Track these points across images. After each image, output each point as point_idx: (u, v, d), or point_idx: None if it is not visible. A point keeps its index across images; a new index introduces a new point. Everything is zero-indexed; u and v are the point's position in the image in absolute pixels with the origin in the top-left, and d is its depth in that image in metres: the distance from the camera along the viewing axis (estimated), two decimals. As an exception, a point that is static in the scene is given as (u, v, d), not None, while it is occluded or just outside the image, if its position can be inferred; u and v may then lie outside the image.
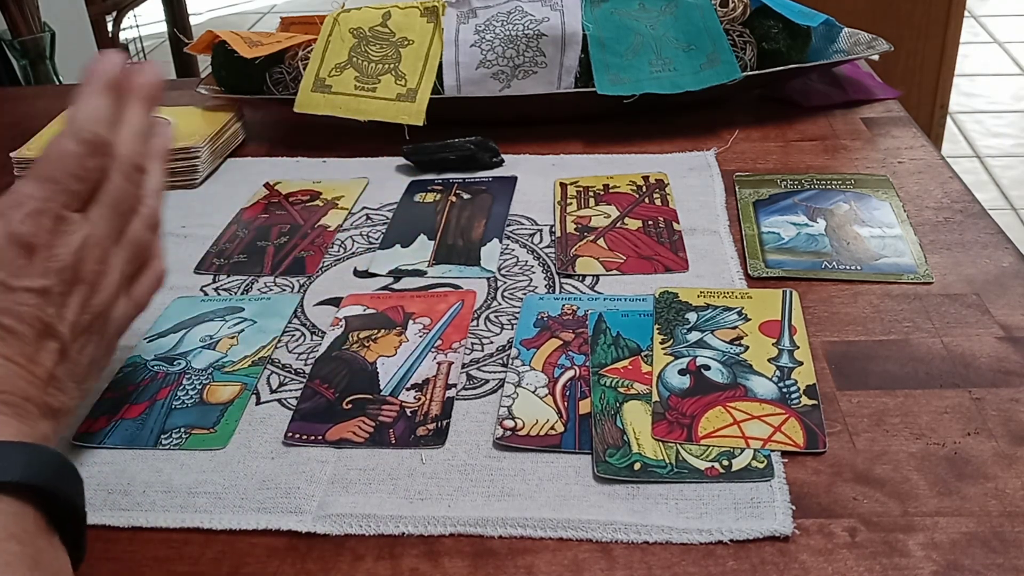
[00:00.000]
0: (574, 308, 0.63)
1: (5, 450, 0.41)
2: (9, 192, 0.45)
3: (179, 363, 0.60)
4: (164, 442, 0.54)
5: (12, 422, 0.43)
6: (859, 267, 0.66)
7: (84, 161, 0.46)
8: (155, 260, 0.53)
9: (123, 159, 0.49)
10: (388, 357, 0.59)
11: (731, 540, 0.45)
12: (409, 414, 0.55)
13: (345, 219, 0.77)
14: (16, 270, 0.44)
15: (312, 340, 0.62)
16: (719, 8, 0.89)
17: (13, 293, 0.44)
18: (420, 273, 0.69)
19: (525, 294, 0.66)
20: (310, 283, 0.69)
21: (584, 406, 0.54)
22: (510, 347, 0.60)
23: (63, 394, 0.47)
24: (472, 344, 0.61)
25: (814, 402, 0.53)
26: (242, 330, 0.63)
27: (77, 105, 0.49)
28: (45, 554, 0.39)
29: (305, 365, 0.60)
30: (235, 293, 0.68)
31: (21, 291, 0.44)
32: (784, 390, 0.54)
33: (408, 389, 0.57)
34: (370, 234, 0.75)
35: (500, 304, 0.65)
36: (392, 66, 0.89)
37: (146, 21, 2.93)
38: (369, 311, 0.64)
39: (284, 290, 0.68)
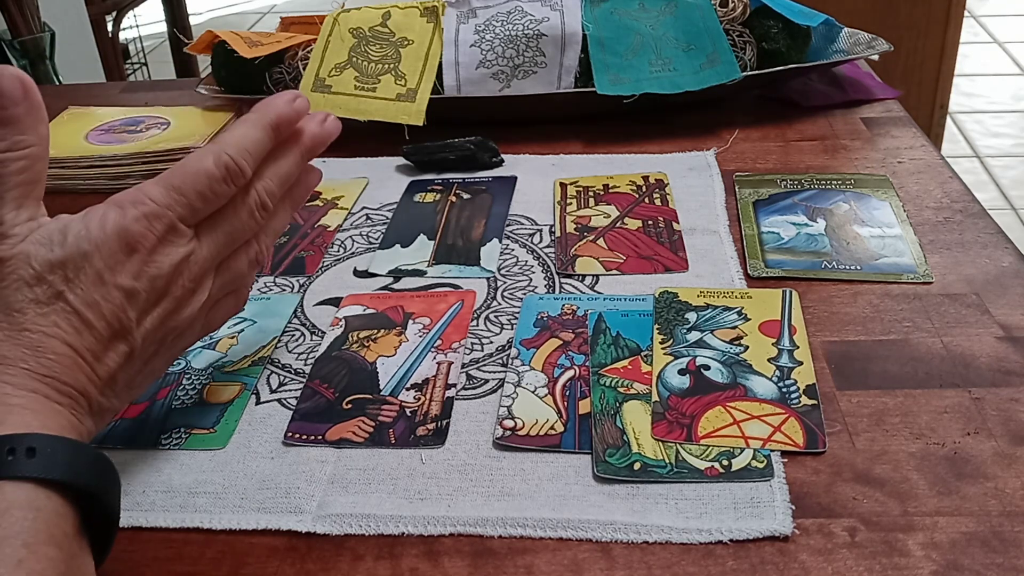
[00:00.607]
0: (574, 308, 0.63)
1: (55, 445, 0.39)
2: (136, 187, 0.45)
3: (179, 363, 0.60)
4: (164, 442, 0.54)
5: (65, 414, 0.42)
6: (859, 267, 0.66)
7: (216, 184, 0.46)
8: (242, 291, 0.53)
9: (254, 196, 0.49)
10: (388, 357, 0.59)
11: (731, 540, 0.45)
12: (409, 414, 0.55)
13: (345, 219, 0.77)
14: (112, 265, 0.43)
15: (312, 340, 0.62)
16: (719, 8, 0.89)
17: (103, 287, 0.43)
18: (420, 273, 0.69)
19: (525, 294, 0.66)
20: (310, 283, 0.69)
21: (584, 406, 0.54)
22: (510, 347, 0.60)
23: (115, 397, 0.46)
24: (472, 344, 0.61)
25: (814, 402, 0.53)
26: (242, 330, 0.63)
27: (234, 128, 0.48)
28: (76, 559, 0.39)
29: (305, 365, 0.60)
30: (235, 293, 0.68)
31: (112, 286, 0.43)
32: (784, 390, 0.54)
33: (408, 389, 0.57)
34: (370, 234, 0.75)
35: (500, 304, 0.65)
36: (392, 66, 0.89)
37: (146, 21, 2.93)
38: (369, 311, 0.64)
39: (284, 290, 0.68)
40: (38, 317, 0.42)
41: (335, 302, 0.66)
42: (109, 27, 2.13)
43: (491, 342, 0.61)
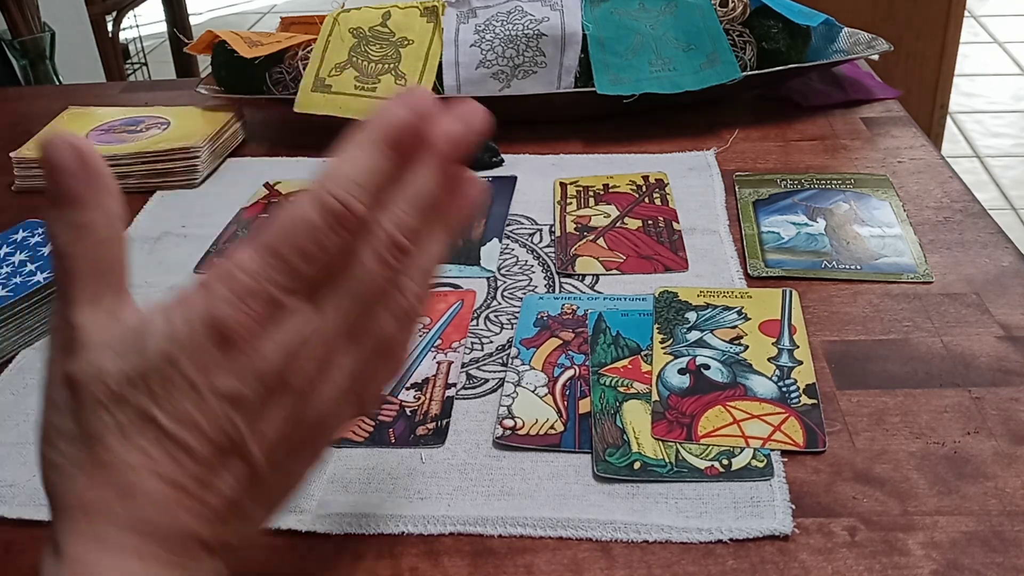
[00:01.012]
0: (574, 308, 0.63)
1: None
2: (224, 258, 0.35)
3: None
4: (164, 441, 0.53)
5: (172, 569, 0.33)
6: (859, 267, 0.66)
7: (322, 237, 0.34)
8: (396, 353, 0.40)
9: (382, 237, 0.36)
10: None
11: (731, 539, 0.45)
12: (409, 413, 0.55)
13: (345, 219, 0.77)
14: (206, 366, 0.33)
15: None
16: (719, 8, 0.89)
17: (198, 397, 0.33)
18: (420, 273, 0.69)
19: (525, 294, 0.66)
20: (310, 283, 0.69)
21: (584, 405, 0.54)
22: (510, 346, 0.60)
23: (246, 524, 0.36)
24: (472, 343, 0.61)
25: (814, 401, 0.53)
26: (242, 330, 0.63)
27: (339, 155, 0.36)
28: None
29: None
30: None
31: (209, 394, 0.33)
32: (784, 389, 0.54)
33: (408, 388, 0.57)
34: (370, 234, 0.75)
35: (500, 304, 0.65)
36: (392, 66, 0.89)
37: (146, 21, 2.94)
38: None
39: (284, 290, 0.68)
40: (122, 447, 0.33)
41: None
42: (109, 27, 2.14)
43: (491, 342, 0.61)
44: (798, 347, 0.58)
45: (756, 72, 0.87)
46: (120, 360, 0.33)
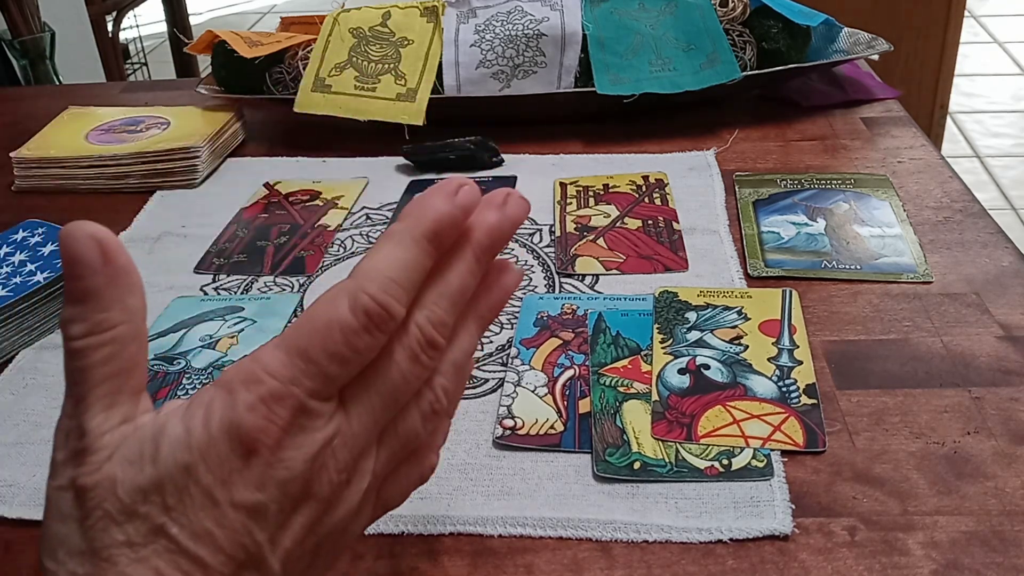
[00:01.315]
0: (574, 307, 0.63)
1: None
2: (250, 356, 0.33)
3: (179, 363, 0.60)
4: (164, 441, 0.53)
5: None
6: (859, 266, 0.66)
7: (356, 338, 0.32)
8: (423, 453, 0.39)
9: (415, 334, 0.34)
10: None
11: (731, 539, 0.45)
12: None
13: (345, 219, 0.77)
14: (225, 476, 0.31)
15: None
16: (719, 8, 0.89)
17: (216, 509, 0.31)
18: (420, 273, 0.69)
19: (525, 294, 0.66)
20: (310, 283, 0.69)
21: (584, 405, 0.54)
22: (510, 346, 0.60)
23: None
24: (472, 343, 0.61)
25: (814, 401, 0.53)
26: (242, 330, 0.63)
27: (376, 249, 0.34)
28: None
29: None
30: (235, 293, 0.68)
31: (228, 506, 0.31)
32: (784, 389, 0.54)
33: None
34: (370, 234, 0.75)
35: (500, 304, 0.65)
36: (392, 66, 0.89)
37: (146, 21, 2.94)
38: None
39: (284, 290, 0.68)
40: (133, 565, 0.31)
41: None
42: (109, 27, 2.14)
43: (491, 342, 0.61)
44: (798, 347, 0.58)
45: (756, 72, 0.87)
46: (133, 470, 0.31)
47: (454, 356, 0.37)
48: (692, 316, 0.61)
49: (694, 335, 0.59)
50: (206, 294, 0.68)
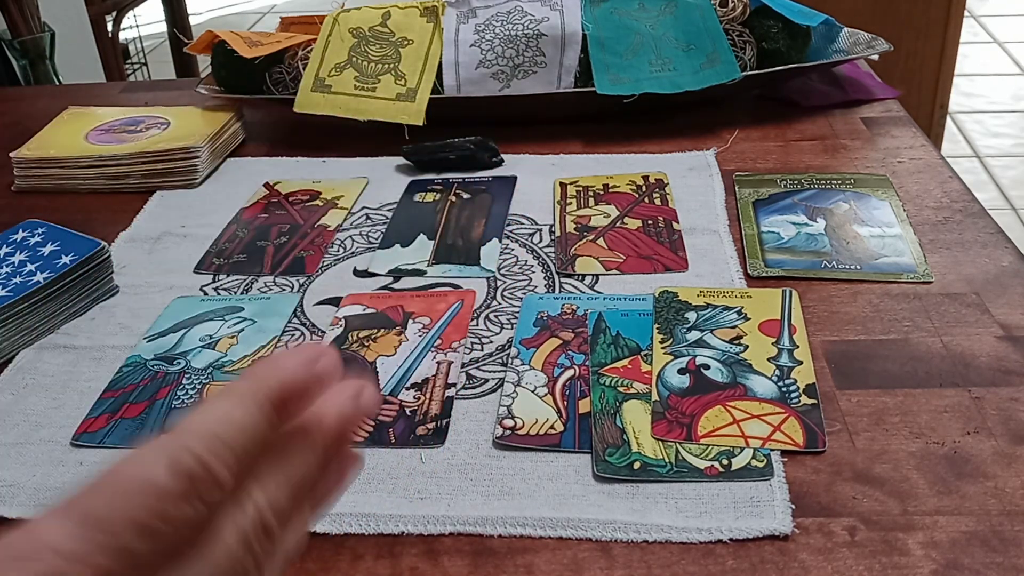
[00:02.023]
0: (574, 308, 0.63)
1: None
2: (24, 527, 0.25)
3: (179, 363, 0.60)
4: (164, 441, 0.53)
5: None
6: (859, 266, 0.66)
7: (171, 506, 0.26)
8: None
9: (251, 514, 0.28)
10: (388, 356, 0.59)
11: (731, 539, 0.45)
12: (409, 413, 0.55)
13: (345, 219, 0.77)
14: None
15: (312, 340, 0.62)
16: (719, 8, 0.89)
17: None
18: (420, 273, 0.69)
19: (525, 294, 0.66)
20: (310, 283, 0.69)
21: (584, 405, 0.54)
22: (510, 346, 0.60)
23: None
24: (472, 343, 0.61)
25: (814, 401, 0.53)
26: (242, 330, 0.63)
27: (211, 405, 0.28)
28: None
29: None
30: (235, 293, 0.68)
31: None
32: (784, 389, 0.54)
33: (408, 388, 0.57)
34: (370, 234, 0.75)
35: (500, 304, 0.65)
36: (392, 66, 0.89)
37: (146, 21, 2.93)
38: (369, 311, 0.64)
39: (284, 290, 0.68)
40: None
41: (335, 302, 0.66)
42: (109, 27, 2.13)
43: (491, 342, 0.61)
44: (798, 347, 0.58)
45: (756, 72, 0.87)
46: None
47: (286, 546, 0.30)
48: (692, 316, 0.61)
49: (694, 335, 0.59)
50: (206, 294, 0.68)
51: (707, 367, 0.56)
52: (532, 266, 0.69)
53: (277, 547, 0.30)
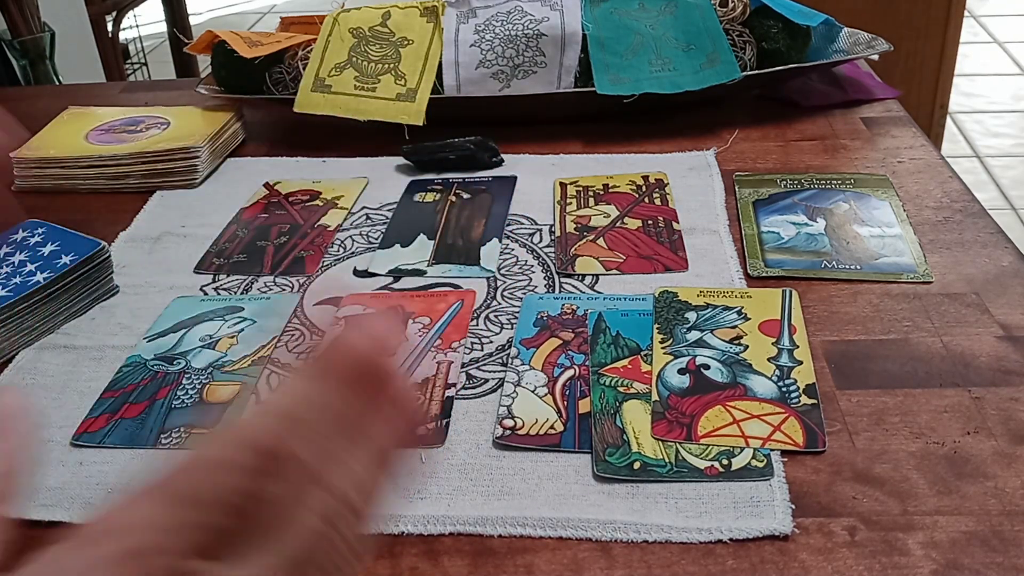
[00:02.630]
0: (574, 308, 0.63)
1: None
2: (123, 497, 0.26)
3: (179, 363, 0.60)
4: (164, 442, 0.54)
5: None
6: (859, 266, 0.66)
7: (254, 482, 0.27)
8: None
9: (336, 493, 0.28)
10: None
11: (731, 539, 0.45)
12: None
13: (345, 219, 0.77)
14: None
15: (312, 339, 0.62)
16: (719, 8, 0.89)
17: None
18: (420, 273, 0.69)
19: (525, 294, 0.66)
20: (310, 283, 0.69)
21: (584, 405, 0.54)
22: (510, 346, 0.60)
23: None
24: (472, 343, 0.61)
25: (814, 401, 0.53)
26: (242, 330, 0.63)
27: (280, 390, 0.30)
28: None
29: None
30: (235, 293, 0.68)
31: None
32: (784, 389, 0.54)
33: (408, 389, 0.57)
34: (370, 234, 0.75)
35: (500, 304, 0.65)
36: (392, 66, 0.89)
37: (146, 21, 2.93)
38: (369, 311, 0.64)
39: (284, 290, 0.68)
40: None
41: (335, 302, 0.66)
42: (109, 27, 2.13)
43: (491, 342, 0.61)
44: (798, 347, 0.58)
45: (756, 72, 0.87)
46: None
47: (368, 522, 0.30)
48: (692, 316, 0.61)
49: (694, 335, 0.59)
50: (206, 294, 0.68)
51: (707, 367, 0.56)
52: (532, 266, 0.69)
53: (360, 520, 0.30)
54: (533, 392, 0.55)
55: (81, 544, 0.25)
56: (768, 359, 0.57)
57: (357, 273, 0.70)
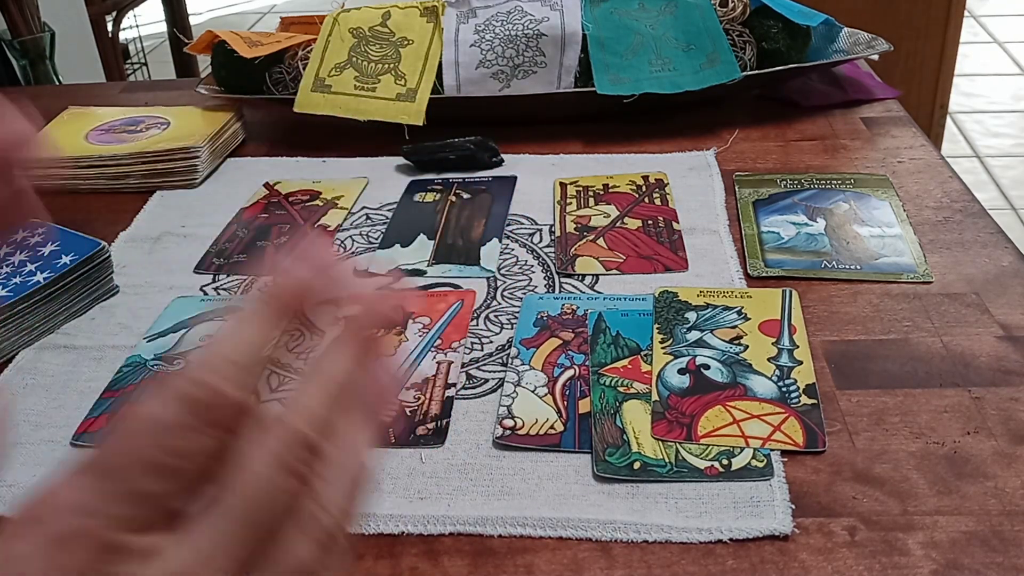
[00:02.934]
0: (574, 307, 0.63)
1: None
2: (43, 492, 0.24)
3: (179, 363, 0.60)
4: (164, 441, 0.54)
5: None
6: (859, 266, 0.66)
7: (179, 438, 0.24)
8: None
9: (282, 434, 0.26)
10: (387, 357, 0.59)
11: (731, 539, 0.45)
12: (409, 413, 0.55)
13: (345, 219, 0.77)
14: None
15: (312, 339, 0.62)
16: (719, 8, 0.89)
17: None
18: (420, 273, 0.69)
19: (525, 294, 0.66)
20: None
21: (584, 405, 0.54)
22: (510, 346, 0.60)
23: None
24: (472, 343, 0.61)
25: (813, 401, 0.53)
26: (242, 330, 0.63)
27: (215, 336, 0.27)
28: None
29: (305, 364, 0.59)
30: (235, 293, 0.68)
31: None
32: (784, 389, 0.54)
33: (408, 388, 0.57)
34: (370, 234, 0.75)
35: (500, 304, 0.65)
36: (392, 66, 0.89)
37: (146, 21, 2.93)
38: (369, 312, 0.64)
39: (284, 290, 0.68)
40: None
41: (335, 301, 0.66)
42: (109, 27, 2.13)
43: (491, 342, 0.61)
44: (798, 347, 0.58)
45: (756, 72, 0.87)
46: None
47: (347, 463, 0.27)
48: (692, 316, 0.61)
49: (694, 335, 0.59)
50: (206, 294, 0.68)
51: (707, 367, 0.56)
52: (532, 266, 0.69)
53: (330, 464, 0.26)
54: (533, 392, 0.55)
55: (9, 536, 0.23)
56: (768, 359, 0.57)
57: (357, 273, 0.70)
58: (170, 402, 0.24)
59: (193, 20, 2.84)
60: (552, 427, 0.53)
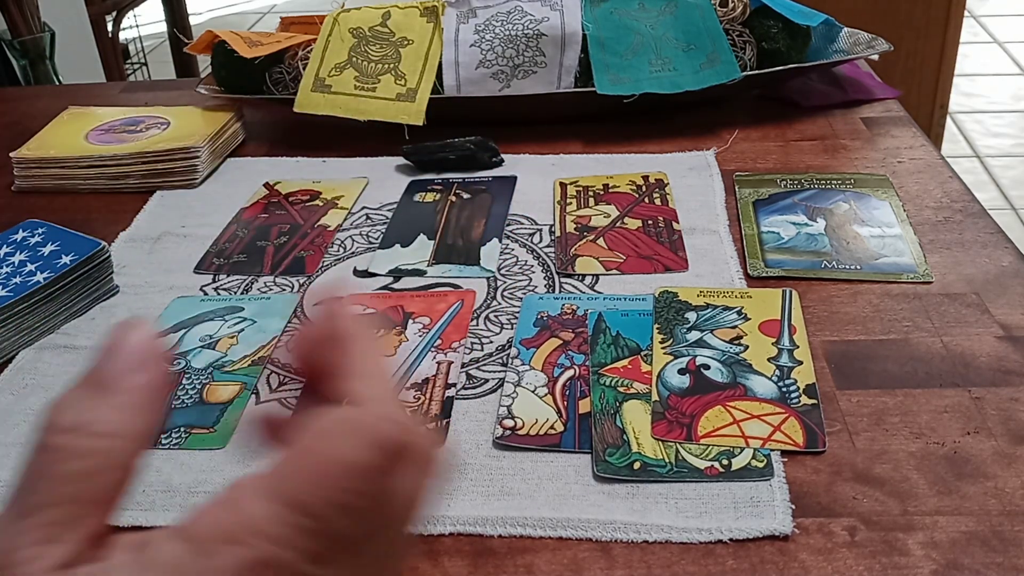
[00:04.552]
0: (574, 308, 0.63)
1: None
2: (226, 501, 0.25)
3: (179, 363, 0.60)
4: (164, 442, 0.54)
5: None
6: (859, 267, 0.66)
7: (377, 483, 0.26)
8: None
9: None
10: (388, 357, 0.59)
11: (731, 539, 0.45)
12: (408, 413, 0.55)
13: (345, 219, 0.77)
14: None
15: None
16: (719, 8, 0.89)
17: None
18: (420, 273, 0.69)
19: (525, 294, 0.66)
20: (310, 283, 0.69)
21: (584, 405, 0.54)
22: (510, 346, 0.60)
23: None
24: (472, 344, 0.61)
25: (814, 401, 0.53)
26: (242, 330, 0.63)
27: (362, 375, 0.29)
28: None
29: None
30: (235, 293, 0.68)
31: None
32: (784, 389, 0.54)
33: (408, 388, 0.57)
34: (370, 234, 0.75)
35: (500, 304, 0.65)
36: (392, 66, 0.89)
37: (146, 21, 2.93)
38: (369, 311, 0.64)
39: (284, 290, 0.68)
40: None
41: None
42: (109, 27, 2.13)
43: (491, 342, 0.61)
44: (798, 347, 0.58)
45: (756, 72, 0.87)
46: None
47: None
48: (692, 316, 0.61)
49: (694, 335, 0.59)
50: (206, 294, 0.68)
51: (707, 367, 0.56)
52: (532, 266, 0.69)
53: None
54: (533, 392, 0.55)
55: (189, 550, 0.24)
56: (768, 359, 0.57)
57: (357, 273, 0.70)
58: (374, 446, 0.25)
59: (193, 20, 2.84)
60: (552, 427, 0.53)
